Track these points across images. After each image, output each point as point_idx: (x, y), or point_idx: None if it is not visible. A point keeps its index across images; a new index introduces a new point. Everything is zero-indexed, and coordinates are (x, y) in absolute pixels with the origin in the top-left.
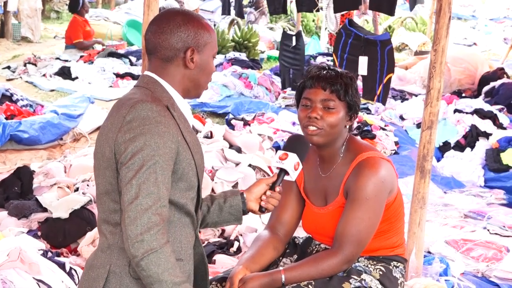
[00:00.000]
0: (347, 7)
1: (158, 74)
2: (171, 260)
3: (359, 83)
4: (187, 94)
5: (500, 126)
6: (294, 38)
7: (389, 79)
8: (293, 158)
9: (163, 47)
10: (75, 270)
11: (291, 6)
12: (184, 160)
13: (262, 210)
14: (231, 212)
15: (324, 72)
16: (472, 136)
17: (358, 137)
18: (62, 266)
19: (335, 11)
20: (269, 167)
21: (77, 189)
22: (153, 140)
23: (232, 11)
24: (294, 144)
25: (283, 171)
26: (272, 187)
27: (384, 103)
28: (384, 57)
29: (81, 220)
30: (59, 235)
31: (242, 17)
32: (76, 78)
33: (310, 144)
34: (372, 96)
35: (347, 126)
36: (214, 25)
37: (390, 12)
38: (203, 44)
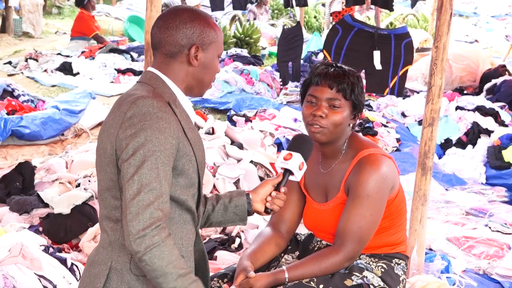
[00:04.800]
0: (357, 2)
1: (161, 70)
2: (175, 252)
3: (363, 77)
4: (190, 92)
5: (502, 124)
6: None
7: (406, 71)
8: (297, 158)
9: (168, 42)
10: (76, 266)
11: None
12: (185, 156)
13: (267, 211)
14: (236, 212)
15: (332, 69)
16: (473, 133)
17: (360, 134)
18: (63, 261)
19: (347, 5)
20: (271, 164)
21: (78, 185)
22: (154, 136)
23: (229, 6)
24: (298, 143)
25: (287, 172)
26: (277, 188)
27: (400, 95)
28: (401, 50)
29: (82, 216)
30: (61, 230)
31: (244, 8)
32: (78, 73)
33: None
34: (382, 89)
35: (350, 125)
36: (216, 21)
37: (387, 6)
38: (208, 43)
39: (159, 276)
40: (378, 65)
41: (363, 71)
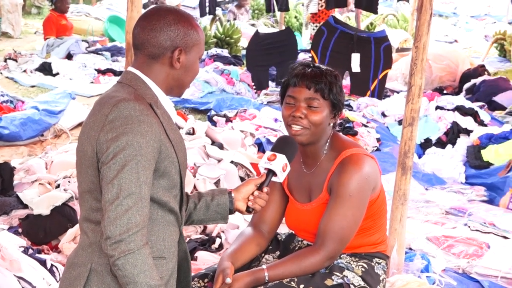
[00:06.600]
0: (338, 4)
1: (142, 71)
2: (148, 262)
3: (346, 80)
4: (169, 92)
5: (481, 123)
6: None
7: (386, 74)
8: (281, 159)
9: (151, 44)
10: (56, 267)
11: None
12: (167, 158)
13: (249, 210)
14: (217, 211)
15: (309, 70)
16: (453, 133)
17: (341, 134)
18: (43, 263)
19: (328, 7)
20: (252, 164)
21: (58, 186)
22: (135, 140)
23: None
24: (283, 145)
25: (271, 172)
26: (259, 188)
27: (380, 98)
28: (380, 54)
29: (62, 217)
30: (40, 232)
31: (214, 13)
32: (57, 74)
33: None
34: (364, 92)
35: (331, 124)
36: (197, 21)
37: (372, 9)
38: (191, 45)
39: (129, 283)
40: (356, 68)
41: (347, 72)
